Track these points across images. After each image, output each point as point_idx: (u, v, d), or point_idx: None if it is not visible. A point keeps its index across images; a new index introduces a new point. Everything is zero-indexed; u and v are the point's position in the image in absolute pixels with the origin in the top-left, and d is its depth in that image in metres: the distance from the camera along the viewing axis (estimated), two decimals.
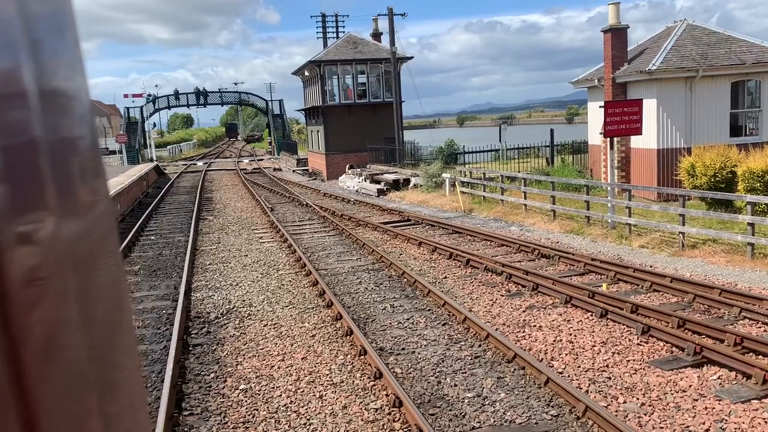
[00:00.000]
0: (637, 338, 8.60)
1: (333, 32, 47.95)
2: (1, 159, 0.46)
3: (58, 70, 0.57)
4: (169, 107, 66.06)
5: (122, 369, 0.66)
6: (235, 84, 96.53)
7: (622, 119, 16.29)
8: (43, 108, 0.52)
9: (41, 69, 0.53)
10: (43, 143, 0.52)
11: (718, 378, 7.30)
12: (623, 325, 9.10)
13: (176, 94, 64.20)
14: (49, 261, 0.51)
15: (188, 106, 66.46)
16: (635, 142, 20.65)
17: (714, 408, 6.61)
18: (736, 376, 7.28)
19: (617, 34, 21.46)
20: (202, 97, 64.75)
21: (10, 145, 0.47)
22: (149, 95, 62.61)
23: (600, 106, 16.97)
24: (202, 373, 8.19)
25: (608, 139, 16.97)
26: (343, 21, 50.08)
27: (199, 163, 53.86)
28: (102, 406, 0.57)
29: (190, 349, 9.12)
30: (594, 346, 8.45)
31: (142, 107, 60.38)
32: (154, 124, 71.12)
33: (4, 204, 0.45)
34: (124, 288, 0.73)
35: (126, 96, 61.59)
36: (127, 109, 60.99)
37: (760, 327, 8.86)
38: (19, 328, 0.47)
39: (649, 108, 19.08)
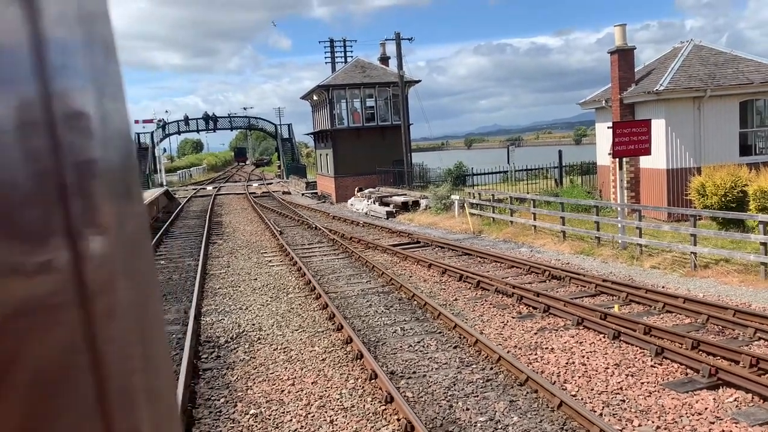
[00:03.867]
0: (651, 360, 8.49)
1: (341, 57, 48.48)
2: (51, 179, 0.49)
3: (100, 92, 0.60)
4: (179, 132, 66.69)
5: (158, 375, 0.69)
6: (245, 109, 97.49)
7: (631, 140, 16.29)
8: (83, 130, 0.55)
9: (86, 91, 0.57)
10: (85, 164, 0.55)
11: (735, 400, 7.18)
12: (636, 346, 8.99)
13: (186, 120, 64.84)
14: (99, 276, 0.55)
15: (198, 131, 67.07)
16: (644, 162, 20.61)
17: (731, 431, 6.50)
18: (752, 398, 7.16)
19: (624, 56, 21.55)
20: (211, 122, 65.37)
21: (54, 166, 0.50)
22: (160, 121, 63.29)
23: (608, 127, 16.98)
24: (213, 398, 8.15)
25: (617, 159, 16.96)
26: (351, 46, 50.71)
27: (209, 188, 54.18)
28: (141, 407, 0.61)
29: (200, 373, 9.09)
30: (607, 368, 8.35)
31: (152, 133, 61.01)
32: (165, 150, 71.83)
33: (44, 222, 0.47)
34: (157, 304, 0.78)
35: (137, 122, 62.26)
36: (138, 135, 61.61)
37: None
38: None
39: (658, 128, 19.08)
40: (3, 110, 0.45)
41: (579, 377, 8.11)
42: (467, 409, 7.32)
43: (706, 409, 7.02)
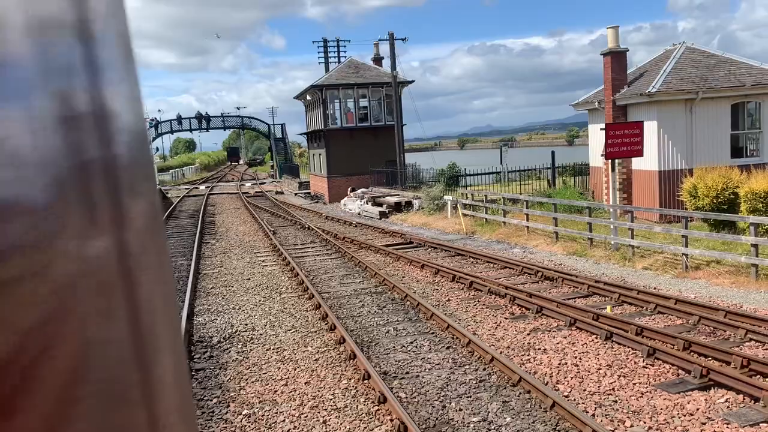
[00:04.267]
0: (643, 361, 8.53)
1: (335, 57, 48.45)
2: (64, 178, 0.49)
3: (117, 92, 0.61)
4: (172, 132, 66.50)
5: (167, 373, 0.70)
6: (238, 108, 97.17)
7: (623, 141, 16.35)
8: (100, 129, 0.55)
9: (102, 92, 0.58)
10: (101, 163, 0.56)
11: (726, 401, 7.22)
12: (628, 347, 9.03)
13: (179, 119, 64.65)
14: (105, 275, 0.55)
15: (191, 130, 66.88)
16: (636, 163, 20.70)
17: None
18: (743, 399, 7.21)
19: (617, 57, 21.64)
20: (204, 121, 65.21)
21: (70, 165, 0.50)
22: (152, 120, 63.07)
23: (601, 129, 17.05)
24: (205, 398, 8.13)
25: (609, 161, 17.02)
26: (345, 46, 50.59)
27: (202, 187, 54.02)
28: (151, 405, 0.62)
29: (193, 374, 9.06)
30: (599, 369, 8.38)
31: None
32: (157, 149, 71.55)
33: (61, 221, 0.48)
34: (174, 294, 0.80)
35: None
36: None
37: (766, 349, 8.78)
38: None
39: (650, 130, 19.16)
40: (51, 104, 0.46)
41: (571, 378, 8.14)
42: (460, 410, 7.33)
43: (697, 409, 7.06)
